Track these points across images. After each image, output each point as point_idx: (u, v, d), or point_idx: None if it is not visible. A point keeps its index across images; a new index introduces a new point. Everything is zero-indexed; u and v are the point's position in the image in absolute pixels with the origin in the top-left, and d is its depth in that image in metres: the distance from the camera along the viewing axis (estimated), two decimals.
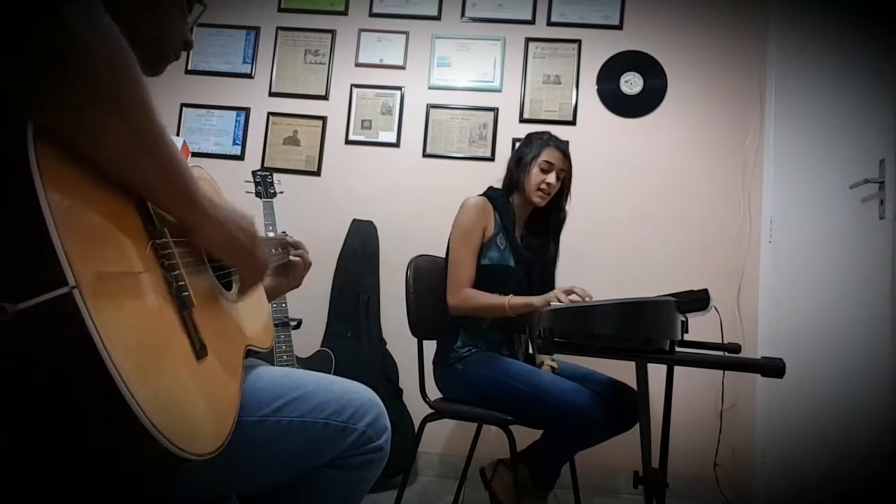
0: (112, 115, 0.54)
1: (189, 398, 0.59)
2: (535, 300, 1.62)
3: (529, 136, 1.86)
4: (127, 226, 0.59)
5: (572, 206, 1.91)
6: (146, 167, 0.60)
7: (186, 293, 0.64)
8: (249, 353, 0.89)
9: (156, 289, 0.60)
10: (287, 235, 1.16)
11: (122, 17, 0.81)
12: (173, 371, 0.58)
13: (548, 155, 1.77)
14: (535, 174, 1.76)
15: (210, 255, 0.76)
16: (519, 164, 1.80)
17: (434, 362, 1.80)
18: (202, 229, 0.69)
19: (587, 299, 1.53)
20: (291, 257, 1.12)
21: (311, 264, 1.18)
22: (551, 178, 1.76)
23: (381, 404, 0.94)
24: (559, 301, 1.55)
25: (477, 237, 1.74)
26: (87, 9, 0.53)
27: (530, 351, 1.88)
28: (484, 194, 1.82)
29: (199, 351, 0.64)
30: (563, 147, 1.81)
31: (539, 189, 1.76)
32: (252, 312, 0.91)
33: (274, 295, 1.14)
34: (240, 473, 0.80)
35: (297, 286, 1.16)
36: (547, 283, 1.84)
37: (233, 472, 0.79)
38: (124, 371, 0.48)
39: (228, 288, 0.85)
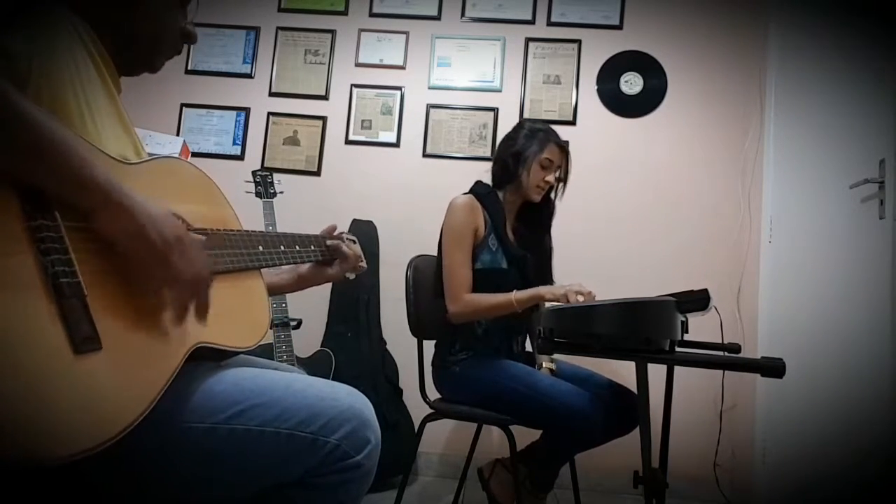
0: None
1: (42, 395, 0.54)
2: (543, 290, 1.59)
3: (523, 124, 1.80)
4: None
5: (572, 206, 1.91)
6: (11, 148, 0.57)
7: (69, 280, 0.60)
8: (220, 353, 0.83)
9: (19, 274, 0.56)
10: (338, 230, 1.22)
11: (111, 19, 0.82)
12: (20, 363, 0.53)
13: (549, 152, 1.74)
14: (535, 171, 1.73)
15: (120, 247, 0.69)
16: (518, 158, 1.75)
17: (432, 364, 1.79)
18: (100, 214, 0.65)
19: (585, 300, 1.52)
20: (344, 248, 1.18)
21: (355, 258, 1.21)
22: (551, 176, 1.75)
23: (366, 413, 0.83)
24: (565, 300, 1.53)
25: (469, 239, 1.69)
26: None
27: (528, 349, 1.88)
28: (471, 191, 1.77)
29: (81, 344, 0.58)
30: (563, 143, 1.78)
31: (538, 186, 1.75)
32: (226, 308, 0.84)
33: (308, 282, 1.19)
34: (192, 485, 0.74)
35: (334, 279, 1.20)
36: (544, 279, 1.80)
37: (183, 484, 0.73)
38: None
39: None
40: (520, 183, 1.75)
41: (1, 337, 0.53)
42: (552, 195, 1.84)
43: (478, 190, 1.78)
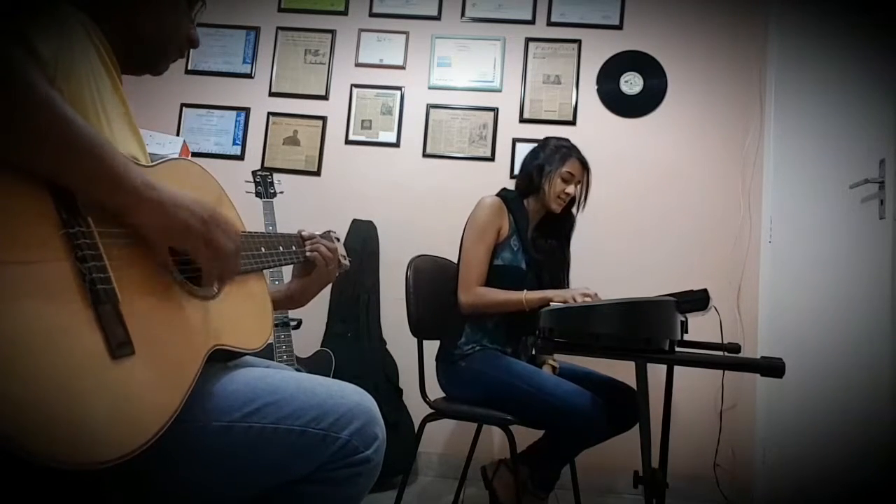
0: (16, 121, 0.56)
1: (84, 399, 0.55)
2: (550, 293, 1.65)
3: (549, 141, 1.89)
4: (29, 216, 0.57)
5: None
6: (45, 152, 0.58)
7: (105, 286, 0.60)
8: (231, 355, 0.84)
9: (58, 281, 0.57)
10: (302, 231, 1.11)
11: (118, 17, 0.82)
12: (63, 368, 0.54)
13: (570, 166, 1.83)
14: (557, 183, 1.82)
15: (154, 243, 0.71)
16: (542, 171, 1.84)
17: (437, 359, 1.81)
18: (136, 213, 0.66)
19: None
20: (308, 253, 1.07)
21: (333, 255, 1.10)
22: (571, 188, 1.83)
23: (373, 410, 0.86)
24: (572, 301, 1.57)
25: (491, 236, 1.77)
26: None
27: (532, 352, 1.89)
28: (498, 195, 1.84)
29: (117, 349, 0.59)
30: (583, 159, 1.87)
31: (559, 197, 1.82)
32: (236, 311, 0.86)
33: (303, 296, 1.11)
34: (207, 483, 0.75)
35: (329, 281, 1.12)
36: (557, 286, 1.87)
37: (198, 482, 0.74)
38: None
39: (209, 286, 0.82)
40: (542, 194, 1.83)
41: (43, 342, 0.53)
42: (573, 209, 1.92)
43: (505, 195, 1.86)
